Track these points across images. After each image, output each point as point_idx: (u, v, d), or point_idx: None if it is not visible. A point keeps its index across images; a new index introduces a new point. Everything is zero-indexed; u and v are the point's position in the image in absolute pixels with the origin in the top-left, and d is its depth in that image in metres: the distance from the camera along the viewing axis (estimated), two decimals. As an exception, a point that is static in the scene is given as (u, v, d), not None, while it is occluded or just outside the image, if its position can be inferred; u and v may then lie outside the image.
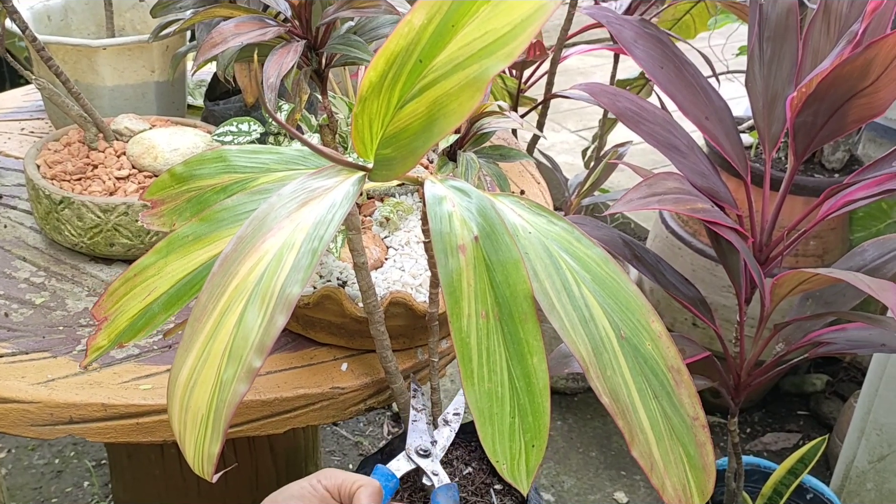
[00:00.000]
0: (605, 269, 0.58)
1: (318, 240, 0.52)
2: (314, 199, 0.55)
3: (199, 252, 0.60)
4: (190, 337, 0.51)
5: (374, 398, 0.86)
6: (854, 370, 1.97)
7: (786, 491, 1.27)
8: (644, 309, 0.57)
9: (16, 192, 1.13)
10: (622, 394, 0.55)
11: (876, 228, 1.72)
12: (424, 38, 0.51)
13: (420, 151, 0.53)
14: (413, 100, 0.53)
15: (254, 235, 0.53)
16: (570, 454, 1.82)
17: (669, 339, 0.57)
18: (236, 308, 0.50)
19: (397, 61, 0.52)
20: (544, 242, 0.58)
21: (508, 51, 0.48)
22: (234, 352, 0.49)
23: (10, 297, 0.92)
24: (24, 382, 0.80)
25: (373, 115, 0.55)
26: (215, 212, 0.61)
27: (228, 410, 0.48)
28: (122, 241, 0.96)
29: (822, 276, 0.87)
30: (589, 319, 0.56)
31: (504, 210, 0.59)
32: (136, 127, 1.06)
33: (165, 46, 1.18)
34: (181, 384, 0.51)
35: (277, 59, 0.78)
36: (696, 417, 0.56)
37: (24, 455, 1.76)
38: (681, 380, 0.56)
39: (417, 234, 0.92)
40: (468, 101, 0.50)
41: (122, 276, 0.62)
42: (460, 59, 0.50)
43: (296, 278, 0.50)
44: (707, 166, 1.07)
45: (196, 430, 0.50)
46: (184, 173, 0.68)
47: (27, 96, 1.44)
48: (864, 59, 0.84)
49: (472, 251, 0.55)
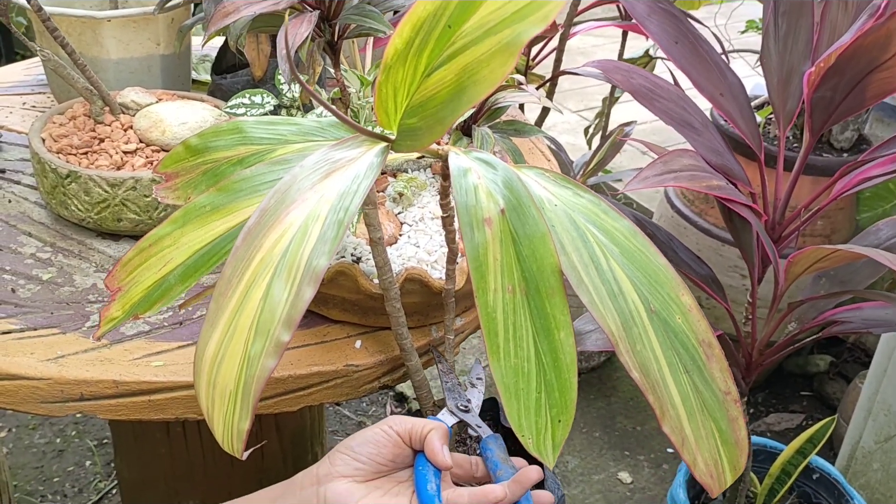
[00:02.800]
0: (634, 242, 0.57)
1: (344, 211, 0.51)
2: (337, 171, 0.54)
3: (217, 222, 0.59)
4: (215, 311, 0.50)
5: (389, 376, 0.85)
6: (858, 351, 1.97)
7: (794, 471, 1.27)
8: (674, 282, 0.56)
9: (19, 166, 1.11)
10: (653, 368, 0.54)
11: (882, 209, 1.71)
12: (453, 2, 0.50)
13: (448, 121, 0.52)
14: (441, 67, 0.51)
15: (277, 207, 0.52)
16: (574, 434, 1.82)
17: (700, 313, 0.56)
18: (262, 281, 0.49)
19: (424, 27, 0.51)
20: (571, 215, 0.57)
21: (543, 13, 0.47)
22: (261, 325, 0.48)
23: (17, 273, 0.91)
24: (34, 359, 0.78)
25: (398, 84, 0.53)
26: (233, 182, 0.59)
27: (258, 385, 0.47)
28: (130, 217, 0.94)
29: (841, 253, 0.87)
30: (618, 293, 0.55)
31: (529, 182, 0.58)
32: (142, 100, 1.04)
33: (171, 19, 1.16)
34: (208, 360, 0.50)
35: (291, 29, 0.76)
36: (728, 392, 0.55)
37: (25, 434, 1.75)
38: (712, 354, 0.55)
39: (431, 209, 0.90)
40: (500, 67, 0.49)
41: (136, 246, 0.60)
42: (492, 24, 0.49)
43: (322, 250, 0.49)
44: (721, 144, 1.06)
45: (224, 407, 0.49)
46: (199, 145, 0.66)
47: (28, 70, 1.42)
48: (886, 29, 0.83)
49: (499, 224, 0.54)
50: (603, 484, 1.71)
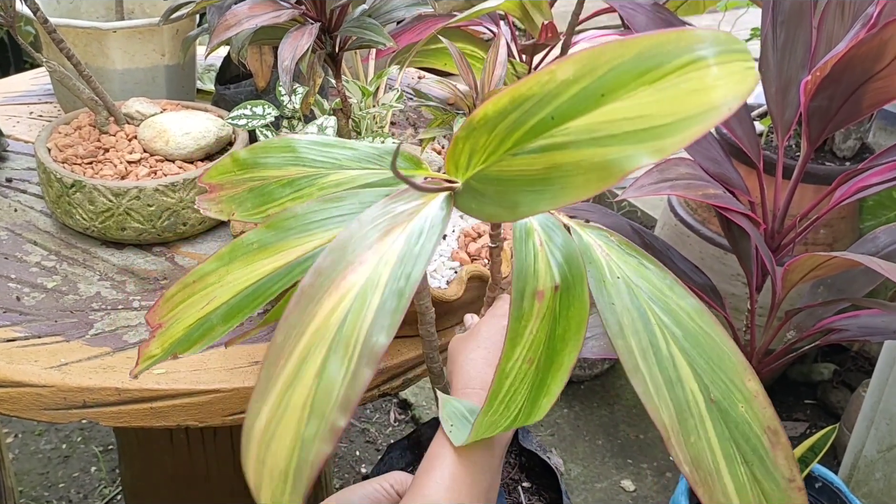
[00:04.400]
0: (699, 323, 0.54)
1: (406, 279, 0.46)
2: (397, 227, 0.49)
3: (265, 261, 0.56)
4: (266, 382, 0.47)
5: (388, 384, 0.85)
6: (862, 359, 1.97)
7: (795, 479, 1.27)
8: (739, 367, 0.54)
9: (26, 175, 1.12)
10: (706, 461, 0.52)
11: (885, 217, 1.71)
12: (565, 96, 0.45)
13: (521, 210, 0.47)
14: (530, 154, 0.47)
15: (333, 268, 0.48)
16: (577, 442, 1.82)
17: (766, 399, 0.53)
18: (317, 355, 0.46)
19: (524, 106, 0.46)
20: (633, 291, 0.54)
21: (661, 145, 0.42)
22: (315, 407, 0.45)
23: (22, 281, 0.92)
24: (38, 366, 0.79)
25: (476, 148, 0.49)
26: (283, 219, 0.56)
27: (312, 471, 0.44)
28: (134, 226, 0.95)
29: (837, 261, 0.87)
30: (675, 381, 0.52)
31: (592, 247, 0.55)
32: (146, 110, 1.05)
33: (176, 30, 1.18)
34: (257, 434, 0.47)
35: (292, 41, 0.77)
36: (793, 479, 0.53)
37: (31, 440, 1.76)
38: (777, 441, 0.53)
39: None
40: (596, 182, 0.44)
41: (180, 281, 0.58)
42: (600, 135, 0.44)
43: (382, 324, 0.45)
44: (719, 153, 1.07)
45: (273, 485, 0.46)
46: (248, 160, 0.63)
47: (35, 80, 1.44)
48: (879, 39, 0.84)
49: (549, 301, 0.52)
50: (606, 492, 1.71)
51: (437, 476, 0.58)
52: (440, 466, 0.58)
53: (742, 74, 0.42)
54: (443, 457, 0.59)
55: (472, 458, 0.59)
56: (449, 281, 0.84)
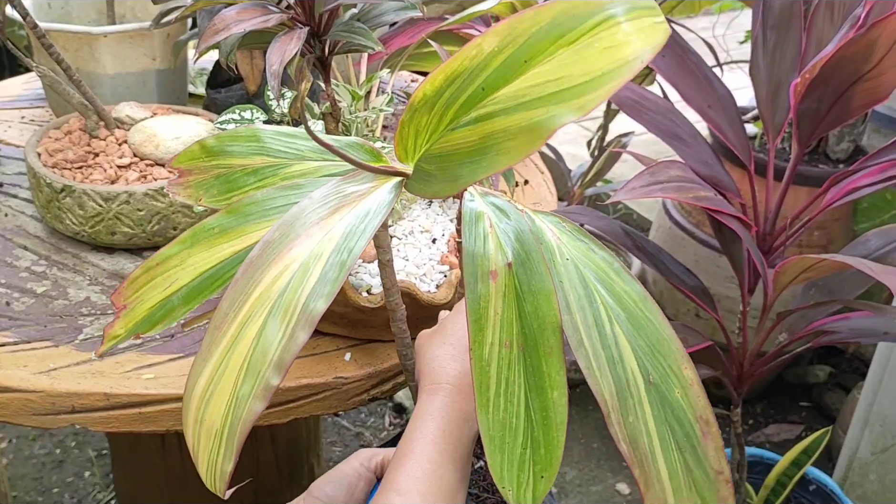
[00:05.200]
0: (642, 308, 0.55)
1: (348, 252, 0.49)
2: (347, 206, 0.52)
3: (224, 245, 0.58)
4: (208, 346, 0.49)
5: (378, 388, 0.85)
6: (857, 361, 1.97)
7: (789, 482, 1.27)
8: (677, 354, 0.55)
9: (16, 180, 1.12)
10: (642, 442, 0.53)
11: (880, 219, 1.71)
12: (492, 66, 0.48)
13: (464, 181, 0.50)
14: (466, 126, 0.49)
15: (281, 241, 0.51)
16: (572, 445, 1.82)
17: (700, 389, 0.54)
18: (257, 319, 0.48)
19: (457, 82, 0.49)
20: (581, 272, 0.55)
21: (581, 102, 0.45)
22: (252, 366, 0.47)
23: (12, 286, 0.92)
24: (26, 372, 0.79)
25: (420, 129, 0.52)
26: (244, 205, 0.58)
27: (243, 428, 0.46)
28: (124, 230, 0.95)
29: (827, 263, 0.87)
30: (617, 361, 0.53)
31: (543, 230, 0.56)
32: (137, 115, 1.05)
33: (167, 34, 1.18)
34: (197, 396, 0.49)
35: (280, 46, 0.77)
36: (721, 472, 0.54)
37: (25, 445, 1.76)
38: (708, 431, 0.54)
39: (421, 223, 0.91)
40: (526, 145, 0.47)
41: (144, 265, 0.59)
42: (526, 99, 0.47)
43: (321, 292, 0.48)
44: (710, 155, 1.07)
45: (209, 446, 0.48)
46: (215, 147, 0.65)
47: (27, 84, 1.43)
48: (867, 39, 0.84)
49: (504, 278, 0.53)
50: (601, 495, 1.71)
51: (417, 460, 0.60)
52: (420, 448, 0.61)
53: (652, 29, 0.45)
54: (419, 440, 0.61)
55: (445, 445, 0.61)
56: (438, 285, 0.84)
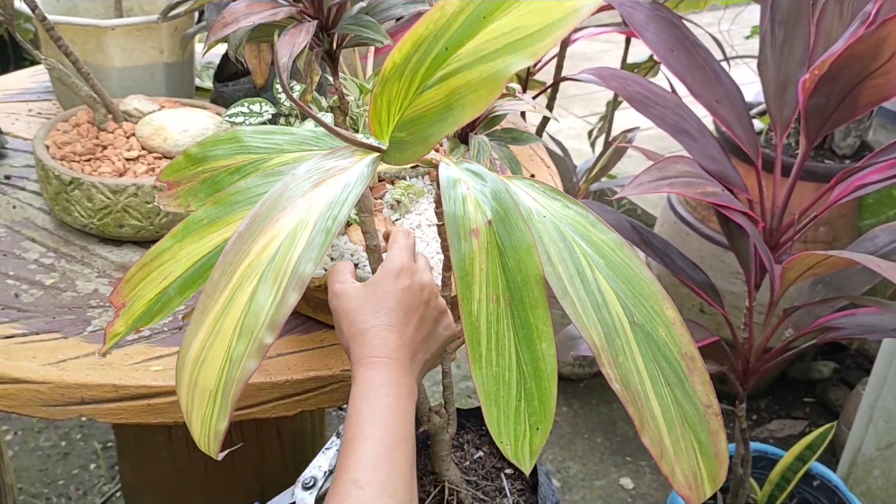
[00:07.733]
0: (620, 255, 0.58)
1: (332, 219, 0.52)
2: (328, 179, 0.55)
3: (214, 235, 0.60)
4: (201, 312, 0.51)
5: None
6: (861, 357, 1.97)
7: (793, 477, 1.28)
8: (658, 295, 0.57)
9: (24, 172, 1.13)
10: (633, 381, 0.55)
11: (886, 215, 1.71)
12: (454, 27, 0.52)
13: (433, 139, 0.54)
14: (433, 87, 0.53)
15: (268, 214, 0.53)
16: (576, 440, 1.82)
17: (683, 326, 0.57)
18: (248, 285, 0.50)
19: (423, 46, 0.53)
20: (559, 226, 0.58)
21: (534, 49, 0.49)
22: (245, 328, 0.49)
23: (21, 278, 0.92)
24: (36, 363, 0.80)
25: (392, 98, 0.55)
26: (229, 195, 0.61)
27: (238, 387, 0.48)
28: (132, 223, 0.95)
29: (834, 259, 0.87)
30: (602, 305, 0.56)
31: (519, 193, 0.59)
32: (145, 108, 1.05)
33: (174, 27, 1.18)
34: (190, 360, 0.51)
35: (289, 39, 0.77)
36: (710, 405, 0.56)
37: (30, 437, 1.76)
38: (694, 367, 0.56)
39: (428, 217, 0.91)
40: (486, 94, 0.50)
41: (138, 262, 0.62)
42: (485, 52, 0.51)
43: (309, 256, 0.50)
44: (718, 151, 1.07)
45: (204, 407, 0.50)
46: (198, 154, 0.68)
47: (34, 77, 1.44)
48: (876, 37, 0.84)
49: (486, 235, 0.55)
50: (604, 490, 1.71)
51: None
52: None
53: None
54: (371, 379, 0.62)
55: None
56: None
